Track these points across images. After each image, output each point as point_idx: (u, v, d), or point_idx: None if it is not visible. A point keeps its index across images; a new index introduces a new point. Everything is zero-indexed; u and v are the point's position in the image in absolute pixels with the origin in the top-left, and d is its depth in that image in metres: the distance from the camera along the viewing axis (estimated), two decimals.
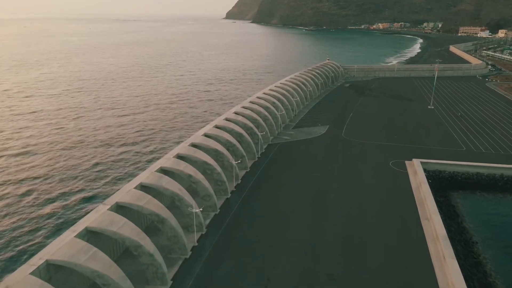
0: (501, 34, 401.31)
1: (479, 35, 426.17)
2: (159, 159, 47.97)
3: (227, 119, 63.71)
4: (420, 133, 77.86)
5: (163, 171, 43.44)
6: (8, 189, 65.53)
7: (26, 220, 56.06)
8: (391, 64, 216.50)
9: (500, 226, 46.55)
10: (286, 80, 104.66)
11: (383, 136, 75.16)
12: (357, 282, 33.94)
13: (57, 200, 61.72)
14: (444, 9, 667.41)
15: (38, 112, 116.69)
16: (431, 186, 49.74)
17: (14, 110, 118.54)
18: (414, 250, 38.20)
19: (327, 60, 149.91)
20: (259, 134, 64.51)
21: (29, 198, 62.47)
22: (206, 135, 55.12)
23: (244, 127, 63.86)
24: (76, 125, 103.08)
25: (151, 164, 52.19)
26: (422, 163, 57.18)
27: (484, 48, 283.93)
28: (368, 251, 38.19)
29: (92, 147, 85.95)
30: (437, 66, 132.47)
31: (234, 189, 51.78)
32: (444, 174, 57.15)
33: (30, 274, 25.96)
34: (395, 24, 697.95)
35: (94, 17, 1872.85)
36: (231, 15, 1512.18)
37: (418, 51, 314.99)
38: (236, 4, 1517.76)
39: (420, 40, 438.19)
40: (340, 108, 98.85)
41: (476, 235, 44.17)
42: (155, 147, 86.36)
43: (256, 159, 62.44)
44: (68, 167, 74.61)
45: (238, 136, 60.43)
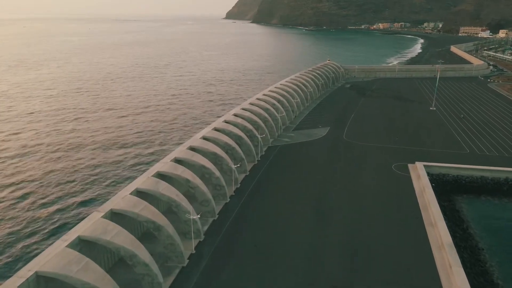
0: (501, 34, 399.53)
1: (479, 35, 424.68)
2: (155, 163, 46.67)
3: (226, 121, 62.46)
4: (422, 135, 76.61)
5: (160, 175, 42.13)
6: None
7: (14, 227, 53.42)
8: (392, 64, 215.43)
9: (506, 232, 45.33)
10: (286, 81, 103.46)
11: (385, 138, 73.99)
12: None
13: (50, 205, 59.66)
14: (444, 9, 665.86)
15: (36, 113, 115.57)
16: (434, 189, 48.59)
17: (12, 111, 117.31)
18: (419, 258, 37.01)
19: (328, 61, 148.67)
20: (259, 136, 63.27)
21: (20, 203, 60.09)
22: (205, 138, 53.80)
23: (244, 129, 62.59)
24: (74, 126, 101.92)
25: (149, 167, 50.91)
26: (425, 166, 55.89)
27: (485, 48, 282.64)
28: (372, 258, 37.02)
29: (90, 149, 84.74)
30: (439, 67, 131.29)
31: (233, 193, 50.53)
32: (447, 178, 55.85)
33: (19, 287, 24.84)
34: (395, 24, 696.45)
35: (94, 17, 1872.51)
36: (231, 15, 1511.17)
37: (419, 51, 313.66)
38: (236, 4, 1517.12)
39: (420, 40, 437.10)
40: (341, 109, 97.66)
41: (481, 241, 42.99)
42: (154, 149, 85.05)
43: (256, 162, 61.20)
44: (63, 170, 73.22)
45: (238, 138, 59.09)
